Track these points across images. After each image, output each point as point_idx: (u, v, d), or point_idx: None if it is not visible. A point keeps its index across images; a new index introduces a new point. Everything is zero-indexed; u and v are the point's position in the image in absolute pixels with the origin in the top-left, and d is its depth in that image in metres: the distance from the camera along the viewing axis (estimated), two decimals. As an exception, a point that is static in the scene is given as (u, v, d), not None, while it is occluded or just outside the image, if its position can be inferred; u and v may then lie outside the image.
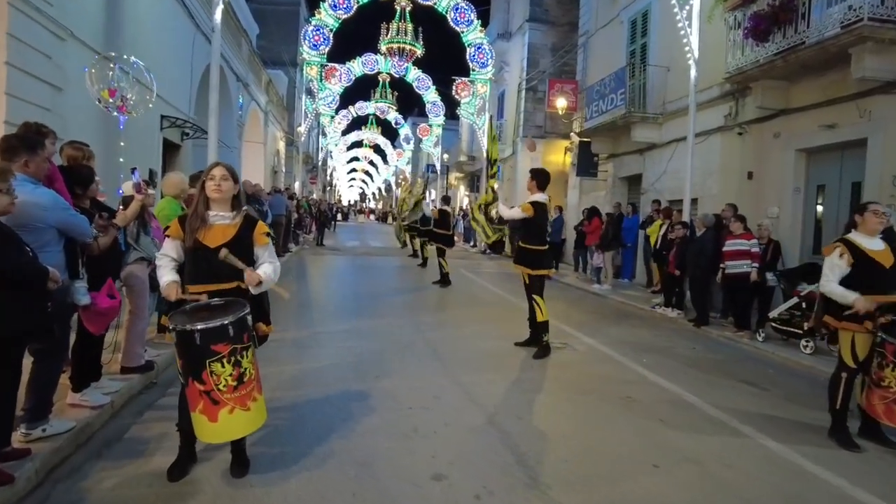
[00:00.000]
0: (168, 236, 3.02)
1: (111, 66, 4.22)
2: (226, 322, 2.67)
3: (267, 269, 3.01)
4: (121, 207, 4.18)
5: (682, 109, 11.24)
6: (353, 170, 75.71)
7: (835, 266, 4.03)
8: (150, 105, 4.48)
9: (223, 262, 2.84)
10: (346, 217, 51.27)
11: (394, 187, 63.36)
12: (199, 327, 2.63)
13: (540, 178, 6.17)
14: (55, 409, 3.28)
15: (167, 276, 2.96)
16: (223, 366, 2.69)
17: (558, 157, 20.79)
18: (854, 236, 4.09)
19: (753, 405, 4.76)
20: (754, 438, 3.98)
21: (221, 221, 2.98)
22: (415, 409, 4.16)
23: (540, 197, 6.07)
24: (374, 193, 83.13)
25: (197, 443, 3.05)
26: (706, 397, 4.84)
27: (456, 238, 12.02)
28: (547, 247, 6.33)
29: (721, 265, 7.64)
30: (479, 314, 8.26)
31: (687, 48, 8.98)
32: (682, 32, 9.06)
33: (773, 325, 7.03)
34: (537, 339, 6.03)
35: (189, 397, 2.75)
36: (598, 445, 3.71)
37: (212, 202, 2.98)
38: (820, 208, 8.44)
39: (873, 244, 4.03)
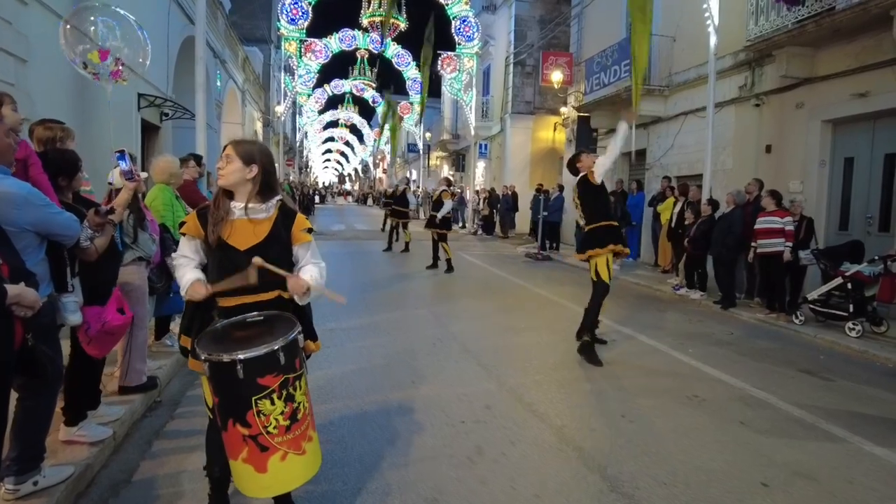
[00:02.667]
0: (184, 234, 2.37)
1: (91, 19, 3.44)
2: (275, 347, 2.05)
3: (313, 272, 2.37)
4: (104, 202, 3.47)
5: (691, 81, 10.78)
6: (328, 150, 74.11)
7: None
8: (146, 68, 3.73)
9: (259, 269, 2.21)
10: (322, 199, 49.97)
11: (371, 168, 62.17)
12: (241, 357, 1.99)
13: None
14: (47, 452, 2.63)
15: (189, 273, 2.28)
16: (273, 403, 2.07)
17: (548, 133, 20.24)
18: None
19: (828, 400, 4.34)
20: (854, 443, 3.53)
21: (252, 215, 2.33)
22: (468, 424, 3.61)
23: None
24: (349, 175, 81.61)
25: (231, 488, 2.45)
26: (775, 392, 4.40)
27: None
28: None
29: (752, 244, 7.23)
30: (497, 303, 7.71)
31: (707, 14, 8.43)
32: (702, -3, 8.51)
33: (813, 306, 6.65)
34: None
35: (229, 443, 2.13)
36: (689, 461, 3.21)
37: (234, 192, 2.33)
38: (848, 182, 8.04)
39: None
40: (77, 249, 2.67)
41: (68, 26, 3.34)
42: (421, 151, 32.02)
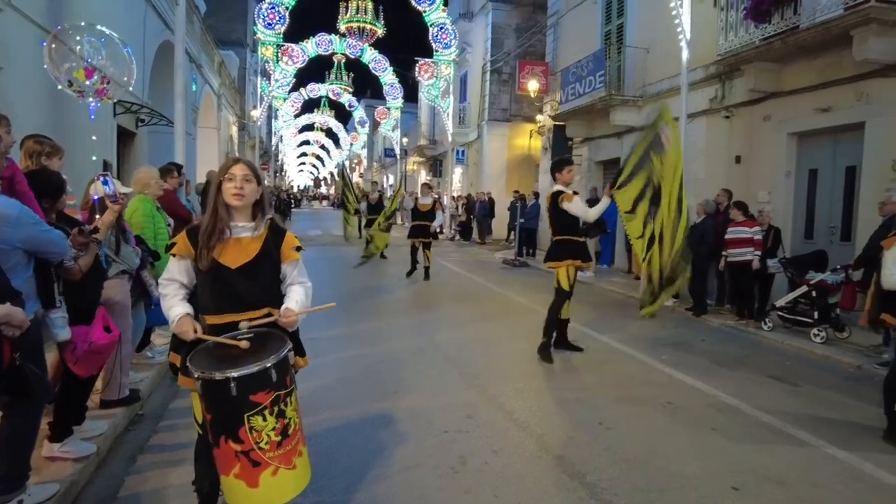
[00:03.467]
0: (174, 255, 2.39)
1: (77, 38, 3.42)
2: (268, 365, 2.09)
3: (299, 295, 2.43)
4: (83, 215, 3.45)
5: (664, 92, 11.05)
6: (304, 154, 73.50)
7: (898, 261, 3.79)
8: (131, 87, 3.72)
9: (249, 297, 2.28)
10: (298, 203, 49.42)
11: (348, 172, 61.95)
12: (234, 375, 2.04)
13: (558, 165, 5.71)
14: (32, 470, 2.62)
15: (178, 307, 2.31)
16: (265, 419, 2.11)
17: (524, 140, 20.48)
18: (915, 229, 3.84)
19: (795, 405, 4.52)
20: (818, 447, 3.70)
21: (242, 234, 2.37)
22: (451, 433, 3.68)
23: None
24: (325, 178, 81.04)
25: (219, 502, 2.48)
26: (746, 398, 4.57)
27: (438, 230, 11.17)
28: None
29: (723, 253, 7.47)
30: (477, 310, 7.81)
31: (679, 29, 8.68)
32: (674, 13, 8.75)
33: (781, 313, 6.90)
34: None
35: (220, 459, 2.17)
36: (665, 466, 3.33)
37: (232, 210, 2.37)
38: (812, 193, 8.35)
39: (933, 237, 3.80)
40: (61, 269, 2.67)
41: (53, 45, 3.32)
42: (398, 156, 32.05)
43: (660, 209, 4.71)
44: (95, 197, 3.03)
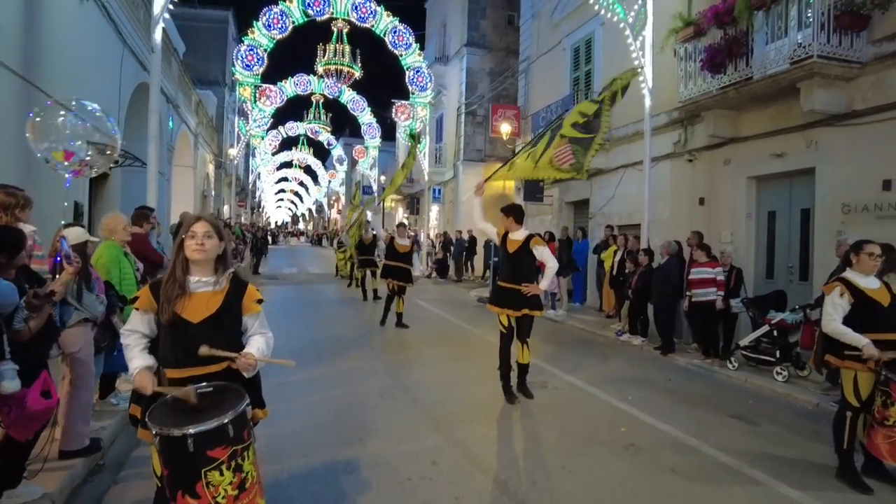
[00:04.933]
0: (137, 309, 2.45)
1: (61, 116, 3.50)
2: (225, 421, 2.14)
3: (259, 343, 2.51)
4: (47, 264, 3.46)
5: (630, 136, 11.47)
6: (282, 190, 73.50)
7: (837, 305, 3.97)
8: (113, 162, 3.79)
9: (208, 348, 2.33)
10: (275, 240, 49.05)
11: (326, 209, 61.99)
12: (191, 431, 2.08)
13: (517, 213, 5.90)
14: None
15: (138, 359, 2.38)
16: (222, 474, 2.15)
17: (498, 180, 20.89)
18: (850, 275, 4.04)
19: (753, 444, 4.64)
20: (773, 487, 3.81)
21: (204, 288, 2.45)
22: (415, 481, 3.70)
23: (521, 233, 5.79)
24: (303, 214, 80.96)
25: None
26: (706, 438, 4.68)
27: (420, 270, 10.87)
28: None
29: (688, 293, 7.69)
30: (448, 350, 7.86)
31: (641, 78, 9.12)
32: (636, 63, 9.19)
33: (744, 352, 7.08)
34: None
35: (177, 514, 2.19)
36: (624, 511, 3.40)
37: (192, 265, 2.45)
38: (772, 234, 8.69)
39: (870, 283, 4.00)
40: (9, 331, 2.66)
41: (38, 119, 3.41)
42: (376, 194, 32.31)
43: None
44: (57, 258, 3.07)
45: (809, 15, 6.97)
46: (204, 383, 2.34)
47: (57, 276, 3.05)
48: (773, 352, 6.77)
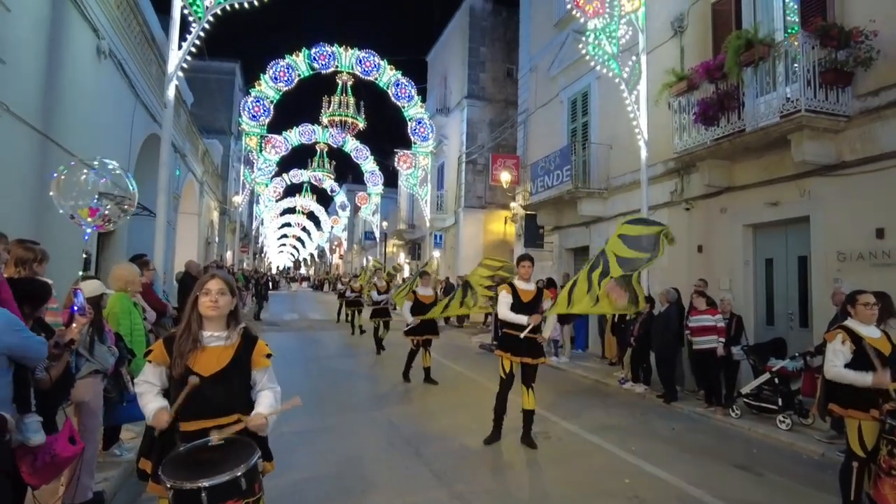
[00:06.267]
0: (150, 361, 2.53)
1: (84, 171, 3.69)
2: (238, 474, 2.19)
3: (269, 399, 2.57)
4: (60, 316, 3.55)
5: (627, 185, 11.71)
6: (284, 235, 74.06)
7: (838, 352, 4.02)
8: (129, 215, 3.98)
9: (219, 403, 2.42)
10: (276, 285, 48.85)
11: (328, 253, 62.31)
12: (205, 484, 2.13)
13: (533, 262, 6.03)
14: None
15: (153, 402, 2.45)
16: (232, 527, 2.19)
17: (499, 226, 21.18)
18: (852, 324, 4.12)
19: (758, 495, 4.61)
20: (780, 541, 3.78)
21: (216, 343, 2.54)
22: (419, 534, 3.68)
23: (531, 284, 5.92)
24: (305, 259, 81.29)
25: None
26: (710, 489, 4.64)
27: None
28: None
29: (689, 339, 7.72)
30: (450, 400, 7.83)
31: (637, 130, 9.41)
32: (632, 115, 9.51)
33: (746, 400, 7.07)
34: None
35: (186, 568, 2.21)
36: (629, 566, 3.37)
37: (205, 320, 2.55)
38: (770, 281, 8.78)
39: (871, 332, 4.07)
40: (31, 379, 2.75)
41: (62, 177, 3.59)
42: (378, 239, 32.60)
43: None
44: (73, 308, 3.16)
45: (796, 67, 7.27)
46: (215, 436, 2.39)
47: (73, 326, 3.14)
48: (775, 399, 6.76)
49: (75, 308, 3.19)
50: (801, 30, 7.28)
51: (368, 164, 27.17)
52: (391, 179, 31.48)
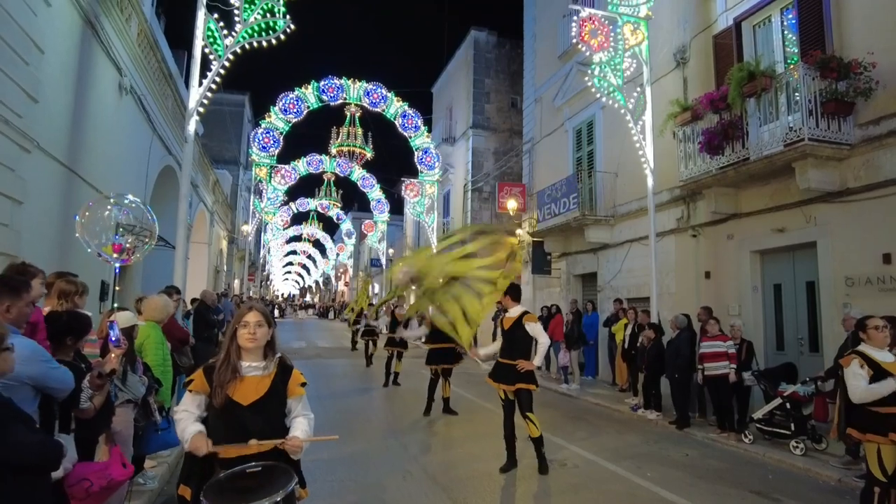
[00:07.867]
0: (191, 391, 2.64)
1: (108, 207, 3.86)
2: (277, 500, 2.28)
3: (304, 426, 2.67)
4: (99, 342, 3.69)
5: (633, 212, 11.87)
6: (290, 263, 74.36)
7: (857, 375, 4.06)
8: (151, 247, 4.15)
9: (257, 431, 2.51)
10: (282, 313, 48.51)
11: (333, 281, 62.46)
12: (247, 510, 2.23)
13: (514, 292, 6.09)
14: None
15: (192, 427, 2.53)
16: (273, 551, 2.27)
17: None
18: (865, 349, 4.19)
19: (777, 523, 4.62)
20: (800, 567, 3.80)
21: (254, 373, 2.65)
22: (442, 561, 3.72)
23: (516, 310, 6.04)
24: (310, 287, 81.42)
25: None
26: (728, 517, 4.67)
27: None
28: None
29: (700, 366, 7.76)
30: (465, 429, 7.86)
31: (643, 159, 9.60)
32: (637, 145, 9.72)
33: (759, 425, 7.08)
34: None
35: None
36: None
37: (244, 351, 2.66)
38: (779, 307, 8.83)
39: (885, 356, 4.13)
40: (76, 410, 2.85)
41: (87, 213, 3.76)
42: (384, 266, 32.75)
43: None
44: (111, 339, 3.28)
45: (797, 97, 7.47)
46: (253, 462, 2.49)
47: (111, 356, 3.26)
48: (788, 424, 6.77)
49: (112, 339, 3.31)
50: (801, 62, 7.49)
51: (375, 193, 27.49)
52: (397, 207, 31.87)
